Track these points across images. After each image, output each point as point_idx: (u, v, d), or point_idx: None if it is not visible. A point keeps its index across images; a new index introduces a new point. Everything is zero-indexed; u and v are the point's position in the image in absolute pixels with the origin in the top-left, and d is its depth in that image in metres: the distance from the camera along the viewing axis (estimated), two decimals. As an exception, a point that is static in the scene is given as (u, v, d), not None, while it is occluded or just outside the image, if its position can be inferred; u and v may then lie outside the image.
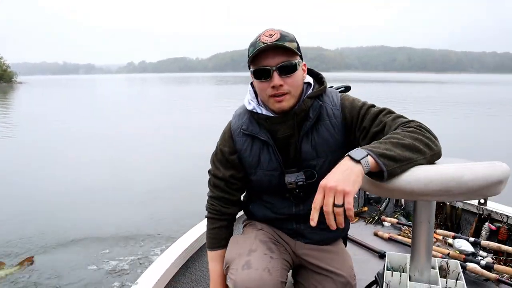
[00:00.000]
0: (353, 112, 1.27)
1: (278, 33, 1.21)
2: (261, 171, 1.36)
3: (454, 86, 52.62)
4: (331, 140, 1.30)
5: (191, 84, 61.96)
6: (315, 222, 0.92)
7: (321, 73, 1.39)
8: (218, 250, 1.48)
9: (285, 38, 1.21)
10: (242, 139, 1.37)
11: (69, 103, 25.01)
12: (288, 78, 1.22)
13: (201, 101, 24.89)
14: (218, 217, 1.46)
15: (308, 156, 1.31)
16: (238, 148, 1.38)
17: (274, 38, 1.19)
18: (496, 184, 0.92)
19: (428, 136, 1.05)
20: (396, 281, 1.21)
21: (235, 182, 1.42)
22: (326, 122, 1.30)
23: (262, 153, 1.34)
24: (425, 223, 1.10)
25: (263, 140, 1.33)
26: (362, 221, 2.70)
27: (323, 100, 1.32)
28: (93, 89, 49.02)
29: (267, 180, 1.37)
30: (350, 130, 1.28)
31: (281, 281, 1.28)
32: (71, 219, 4.78)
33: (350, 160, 0.94)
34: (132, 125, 13.71)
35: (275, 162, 1.33)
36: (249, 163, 1.38)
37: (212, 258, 1.49)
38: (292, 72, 1.22)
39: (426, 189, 0.93)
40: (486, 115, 16.54)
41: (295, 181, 1.32)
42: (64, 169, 7.41)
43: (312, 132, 1.31)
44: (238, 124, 1.38)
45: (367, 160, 0.93)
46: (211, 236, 1.48)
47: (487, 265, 1.87)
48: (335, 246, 1.49)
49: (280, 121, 1.30)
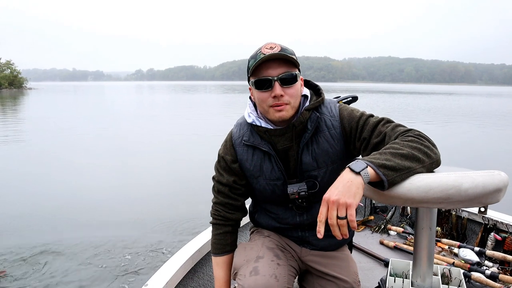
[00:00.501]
0: (351, 123, 1.29)
1: (278, 46, 1.24)
2: (263, 181, 1.39)
3: (462, 98, 52.29)
4: (331, 150, 1.32)
5: (199, 92, 62.16)
6: (321, 234, 0.97)
7: (318, 84, 1.42)
8: (222, 256, 1.49)
9: (285, 50, 1.24)
10: (244, 149, 1.40)
11: (78, 109, 25.26)
12: (288, 89, 1.25)
13: (209, 108, 25.01)
14: (223, 223, 1.48)
15: (309, 167, 1.34)
16: (239, 158, 1.41)
17: (275, 50, 1.22)
18: (495, 192, 0.95)
19: (427, 144, 1.08)
20: (399, 287, 1.24)
21: (239, 188, 1.45)
22: (326, 133, 1.33)
23: (264, 163, 1.37)
24: (427, 229, 1.13)
25: (264, 151, 1.36)
26: (369, 229, 2.72)
27: (321, 112, 1.34)
28: (102, 95, 49.38)
29: (270, 190, 1.39)
30: (350, 140, 1.31)
31: (288, 287, 1.31)
32: (76, 224, 4.84)
33: (350, 172, 0.98)
34: (140, 131, 13.81)
35: (277, 171, 1.36)
36: (250, 173, 1.40)
37: (217, 263, 1.51)
38: (293, 83, 1.25)
39: (427, 196, 0.96)
40: (495, 126, 16.42)
41: (297, 191, 1.34)
42: (71, 174, 7.49)
43: (312, 144, 1.33)
44: (239, 134, 1.41)
45: (366, 172, 0.97)
46: (216, 242, 1.50)
47: (492, 274, 1.88)
48: (340, 252, 1.51)
49: (279, 134, 1.33)
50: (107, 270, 3.64)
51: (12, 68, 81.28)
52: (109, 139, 11.86)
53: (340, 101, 1.91)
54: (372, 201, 2.84)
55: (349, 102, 1.97)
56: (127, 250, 4.07)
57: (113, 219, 5.01)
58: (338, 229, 0.96)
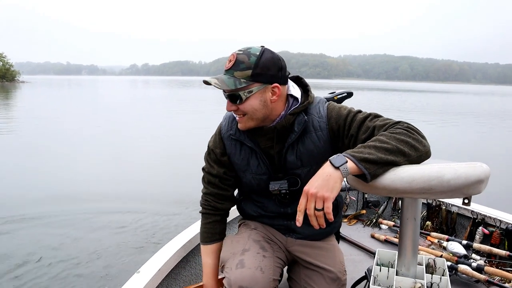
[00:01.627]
0: (339, 121, 1.31)
1: (234, 60, 1.24)
2: (250, 175, 1.42)
3: (457, 96, 52.61)
4: (316, 151, 1.34)
5: (195, 87, 61.95)
6: (300, 222, 1.04)
7: (308, 84, 1.41)
8: (211, 244, 1.53)
9: (237, 66, 1.23)
10: (232, 143, 1.43)
11: (72, 102, 25.10)
12: (240, 105, 1.27)
13: (204, 103, 24.96)
14: (213, 212, 1.52)
15: (292, 166, 1.37)
16: (228, 151, 1.45)
17: (229, 66, 1.24)
18: (476, 183, 0.98)
19: (415, 137, 1.10)
20: (384, 275, 1.28)
21: (229, 178, 1.49)
22: (312, 134, 1.34)
23: (251, 158, 1.40)
24: (411, 220, 1.16)
25: (250, 146, 1.39)
26: (360, 223, 2.77)
27: (309, 112, 1.35)
28: (96, 90, 49.03)
29: (256, 183, 1.43)
30: (338, 138, 1.33)
31: (274, 278, 1.34)
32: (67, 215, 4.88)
33: (330, 166, 1.03)
34: (134, 125, 13.81)
35: (263, 167, 1.39)
36: (238, 166, 1.44)
37: (206, 252, 1.54)
38: (240, 101, 1.25)
39: (410, 187, 1.00)
40: (487, 124, 16.57)
41: (278, 189, 1.38)
42: (61, 165, 7.56)
43: (297, 144, 1.35)
44: (227, 128, 1.44)
45: (346, 167, 1.02)
46: (205, 231, 1.54)
47: (478, 267, 1.93)
48: (326, 242, 1.54)
49: (259, 134, 1.37)
50: (96, 260, 3.69)
51: (4, 61, 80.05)
52: (103, 132, 11.82)
53: (336, 96, 1.94)
54: (365, 195, 2.89)
55: (344, 98, 1.99)
56: (120, 239, 4.12)
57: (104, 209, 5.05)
58: (316, 220, 1.02)
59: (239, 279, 1.27)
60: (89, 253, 3.85)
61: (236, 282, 1.27)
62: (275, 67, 1.26)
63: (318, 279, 1.43)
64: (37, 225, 4.54)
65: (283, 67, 1.28)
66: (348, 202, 2.85)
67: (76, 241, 4.13)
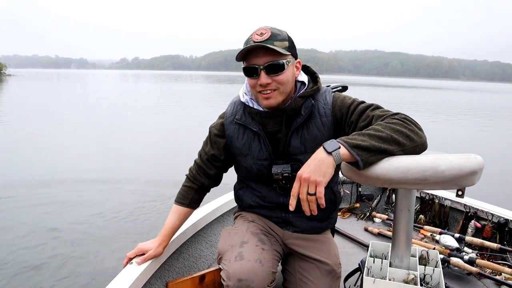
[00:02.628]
0: (343, 109, 1.33)
1: (269, 32, 1.25)
2: (251, 160, 1.43)
3: (447, 93, 53.19)
4: (320, 137, 1.35)
5: (186, 81, 61.63)
6: (293, 207, 1.05)
7: (316, 72, 1.46)
8: (180, 206, 1.57)
9: (275, 37, 1.25)
10: (235, 127, 1.45)
11: (60, 96, 24.76)
12: (275, 76, 1.27)
13: (195, 98, 24.87)
14: (192, 180, 1.57)
15: (296, 151, 1.38)
16: (228, 134, 1.46)
17: (264, 37, 1.24)
18: (470, 174, 0.98)
19: (411, 128, 1.11)
20: (378, 267, 1.28)
21: (216, 161, 1.53)
22: (317, 120, 1.36)
23: (254, 142, 1.41)
24: (405, 211, 1.17)
25: (254, 131, 1.40)
26: (354, 217, 2.79)
27: (316, 99, 1.38)
28: (85, 83, 48.47)
29: (256, 169, 1.44)
30: (340, 126, 1.35)
31: (272, 271, 1.34)
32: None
33: (323, 151, 1.05)
34: (124, 119, 13.68)
35: (265, 152, 1.40)
36: (239, 150, 1.45)
37: (174, 210, 1.59)
38: (280, 71, 1.27)
39: (405, 177, 1.00)
40: (479, 121, 16.77)
41: (281, 172, 1.39)
42: (48, 156, 7.58)
43: (302, 129, 1.37)
44: (232, 112, 1.46)
45: (338, 153, 1.03)
46: (181, 192, 1.59)
47: (470, 259, 1.95)
48: (321, 236, 1.55)
49: (269, 116, 1.37)
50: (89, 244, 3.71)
51: (-9, 54, 78.63)
52: (92, 126, 11.68)
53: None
54: (359, 189, 2.91)
55: (339, 91, 2.00)
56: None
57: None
58: (308, 205, 1.03)
59: (238, 272, 1.27)
60: (80, 245, 3.84)
61: (235, 274, 1.26)
62: (295, 46, 1.34)
63: (314, 271, 1.44)
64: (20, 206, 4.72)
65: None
66: (342, 196, 2.87)
67: (60, 234, 4.12)
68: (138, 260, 1.52)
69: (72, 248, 3.76)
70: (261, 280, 1.27)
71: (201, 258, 2.05)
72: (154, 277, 1.65)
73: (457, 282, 1.91)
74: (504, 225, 2.14)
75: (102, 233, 4.16)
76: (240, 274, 1.26)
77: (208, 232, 2.16)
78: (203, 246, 2.09)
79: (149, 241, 1.61)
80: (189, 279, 1.70)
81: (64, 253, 3.65)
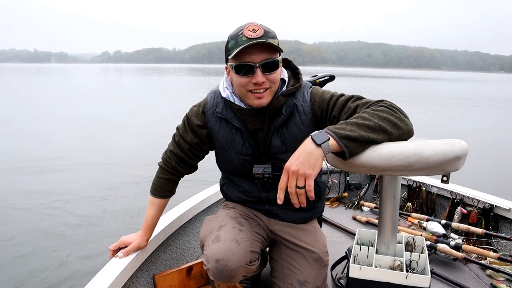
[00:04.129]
0: (322, 105, 1.32)
1: (261, 28, 1.22)
2: (234, 154, 1.41)
3: (428, 82, 53.96)
4: (300, 135, 1.33)
5: (170, 74, 60.91)
6: (281, 200, 1.02)
7: (298, 67, 1.43)
8: (159, 198, 1.54)
9: (268, 34, 1.22)
10: (216, 119, 1.41)
11: (41, 90, 24.23)
12: (270, 75, 1.25)
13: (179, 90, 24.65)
14: (170, 171, 1.52)
15: (277, 150, 1.37)
16: (209, 127, 1.43)
17: (258, 33, 1.20)
18: (454, 159, 0.99)
19: (398, 115, 1.10)
20: (364, 254, 1.29)
21: (199, 149, 1.48)
22: (296, 118, 1.35)
23: (236, 137, 1.39)
24: (391, 198, 1.17)
25: (236, 126, 1.38)
26: (342, 206, 2.82)
27: (296, 96, 1.36)
28: (66, 78, 47.48)
29: (240, 164, 1.42)
30: (321, 122, 1.33)
31: (251, 250, 1.34)
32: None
33: (312, 142, 1.01)
34: (105, 113, 13.49)
35: (248, 148, 1.38)
36: (221, 144, 1.42)
37: (152, 202, 1.55)
38: (275, 69, 1.25)
39: (389, 164, 1.00)
40: (458, 109, 17.06)
41: (261, 173, 1.38)
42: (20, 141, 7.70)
43: (282, 128, 1.35)
44: (212, 103, 1.42)
45: (327, 144, 1.01)
46: (158, 184, 1.54)
47: (456, 245, 1.99)
48: (308, 225, 1.54)
49: (251, 114, 1.35)
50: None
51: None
52: (74, 120, 11.47)
53: (318, 80, 1.94)
54: (347, 178, 2.93)
55: (326, 81, 1.99)
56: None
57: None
58: (297, 198, 1.01)
59: (215, 253, 1.28)
60: (63, 237, 3.82)
61: (212, 256, 1.27)
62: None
63: (300, 259, 1.44)
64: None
65: None
66: (331, 185, 2.88)
67: (43, 230, 4.07)
68: (120, 254, 1.50)
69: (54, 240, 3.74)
70: (238, 258, 1.27)
71: (188, 250, 2.04)
72: (140, 270, 1.63)
73: (443, 267, 1.95)
74: (489, 210, 2.19)
75: (87, 224, 4.15)
76: (217, 255, 1.27)
77: (195, 224, 2.15)
78: (190, 238, 2.08)
79: (132, 234, 1.59)
80: (176, 271, 1.70)
81: (45, 245, 3.64)
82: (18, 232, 3.90)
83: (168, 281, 1.69)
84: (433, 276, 1.83)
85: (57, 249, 3.60)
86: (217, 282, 1.32)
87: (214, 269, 1.27)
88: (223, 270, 1.26)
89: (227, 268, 1.26)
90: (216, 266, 1.26)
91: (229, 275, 1.27)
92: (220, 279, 1.29)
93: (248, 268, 1.32)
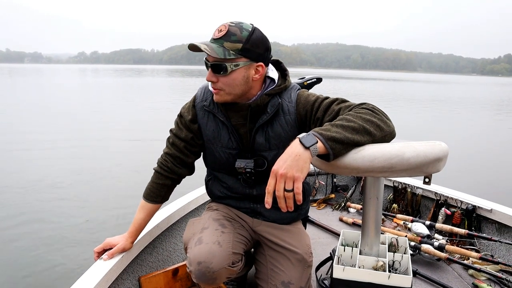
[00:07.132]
0: (307, 107, 1.34)
1: (225, 30, 1.24)
2: (220, 148, 1.43)
3: (405, 84, 55.12)
4: (283, 135, 1.37)
5: (148, 76, 60.20)
6: (269, 204, 1.02)
7: (287, 69, 1.45)
8: (151, 204, 1.52)
9: (229, 37, 1.23)
10: (204, 113, 1.43)
11: (15, 92, 23.55)
12: (222, 77, 1.27)
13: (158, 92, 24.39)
14: (166, 174, 1.50)
15: (260, 147, 1.39)
16: (198, 120, 1.45)
17: (220, 34, 1.24)
18: (435, 161, 1.01)
19: (380, 117, 1.13)
20: (348, 255, 1.32)
21: (194, 145, 1.48)
22: (281, 118, 1.37)
23: (222, 131, 1.41)
24: (374, 199, 1.20)
25: (222, 120, 1.40)
26: (329, 207, 2.85)
27: (282, 96, 1.38)
28: (43, 78, 46.26)
29: (225, 158, 1.43)
30: (305, 124, 1.36)
31: (234, 252, 1.35)
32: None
33: (299, 145, 1.02)
34: (83, 116, 13.24)
35: (233, 142, 1.40)
36: (208, 137, 1.44)
37: (143, 206, 1.53)
38: (224, 73, 1.25)
39: (372, 165, 1.02)
40: (435, 111, 17.47)
41: (244, 167, 1.40)
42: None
43: (267, 126, 1.37)
44: (202, 98, 1.44)
45: (315, 147, 1.02)
46: (152, 189, 1.52)
47: (439, 246, 2.04)
48: (292, 226, 1.56)
49: (234, 110, 1.37)
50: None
51: None
52: (52, 123, 11.22)
53: (306, 82, 1.97)
54: (334, 179, 2.96)
55: (314, 83, 2.02)
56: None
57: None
58: (284, 201, 1.01)
59: (197, 255, 1.29)
60: (46, 241, 3.77)
61: (195, 258, 1.28)
62: (263, 47, 1.30)
63: (284, 260, 1.45)
64: None
65: (269, 48, 1.33)
66: (318, 187, 2.91)
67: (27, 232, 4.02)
68: (105, 256, 1.48)
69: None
70: (220, 260, 1.28)
71: (175, 252, 2.03)
72: (125, 272, 1.61)
73: (427, 268, 1.99)
74: (472, 211, 2.25)
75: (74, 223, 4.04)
76: (199, 257, 1.28)
77: (182, 226, 2.14)
78: (177, 240, 2.07)
79: (117, 236, 1.57)
80: (162, 273, 1.69)
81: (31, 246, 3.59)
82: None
83: (154, 283, 1.68)
84: (417, 276, 1.88)
85: (42, 251, 3.55)
86: (200, 284, 1.33)
87: (197, 271, 1.28)
88: (205, 272, 1.27)
89: (209, 270, 1.27)
90: (198, 268, 1.27)
91: (211, 277, 1.28)
92: (202, 281, 1.30)
93: (231, 269, 1.32)
